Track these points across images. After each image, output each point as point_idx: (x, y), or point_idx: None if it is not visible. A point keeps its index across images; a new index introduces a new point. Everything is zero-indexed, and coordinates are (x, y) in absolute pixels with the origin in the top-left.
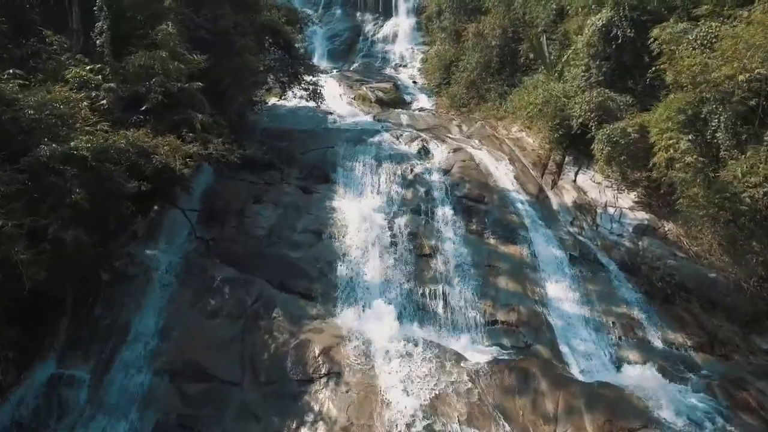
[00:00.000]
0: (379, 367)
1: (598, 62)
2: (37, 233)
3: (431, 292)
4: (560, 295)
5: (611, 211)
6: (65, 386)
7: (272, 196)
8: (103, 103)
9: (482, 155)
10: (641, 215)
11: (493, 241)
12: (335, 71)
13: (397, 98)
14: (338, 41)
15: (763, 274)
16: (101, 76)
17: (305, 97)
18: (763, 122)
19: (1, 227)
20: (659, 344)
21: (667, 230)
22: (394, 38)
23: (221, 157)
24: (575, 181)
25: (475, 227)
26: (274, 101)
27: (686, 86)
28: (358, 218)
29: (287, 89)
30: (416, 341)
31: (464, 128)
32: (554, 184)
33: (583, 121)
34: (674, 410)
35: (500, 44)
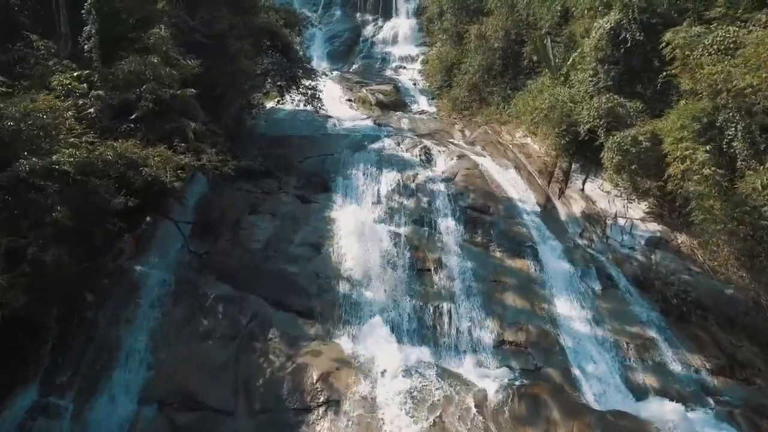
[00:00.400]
0: (380, 394)
1: (606, 66)
2: (16, 253)
3: (435, 309)
4: (570, 312)
5: (622, 222)
6: (46, 416)
7: (269, 206)
8: (90, 111)
9: (486, 162)
10: (653, 227)
11: (498, 254)
12: (335, 72)
13: (397, 101)
14: (338, 42)
15: None
16: (87, 84)
17: (303, 101)
18: None
19: None
20: (676, 367)
21: (680, 242)
22: (394, 39)
23: (215, 168)
24: (583, 189)
25: (480, 239)
26: (272, 104)
27: (701, 93)
28: (358, 230)
29: (285, 94)
30: (419, 365)
31: (467, 133)
32: (561, 193)
33: (590, 127)
34: None
35: (503, 46)
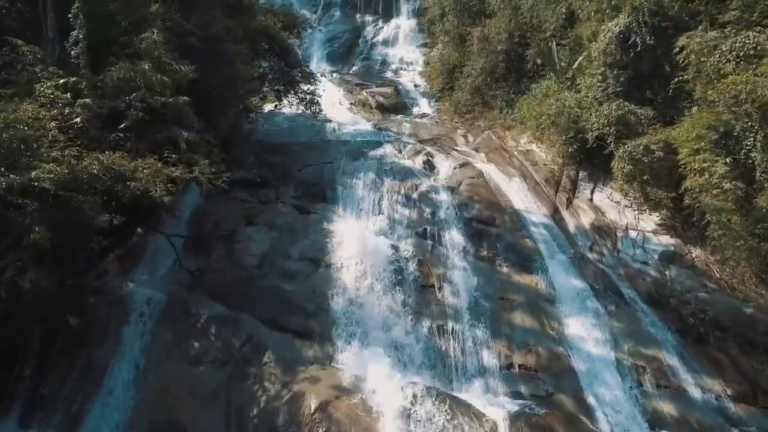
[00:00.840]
0: (384, 426)
1: (615, 72)
2: None
3: (439, 328)
4: (582, 333)
5: (633, 234)
6: None
7: (266, 217)
8: (76, 121)
9: (491, 171)
10: (666, 240)
11: (505, 269)
12: (334, 74)
13: (398, 103)
14: (337, 43)
15: None
16: (73, 92)
17: (302, 107)
18: None
19: None
20: (696, 394)
21: (694, 257)
22: (394, 40)
23: (208, 182)
24: (592, 199)
25: (485, 253)
26: (270, 107)
27: (718, 102)
28: (358, 243)
29: (283, 98)
30: (425, 392)
31: (470, 138)
32: (569, 203)
33: (599, 134)
34: None
35: (506, 49)
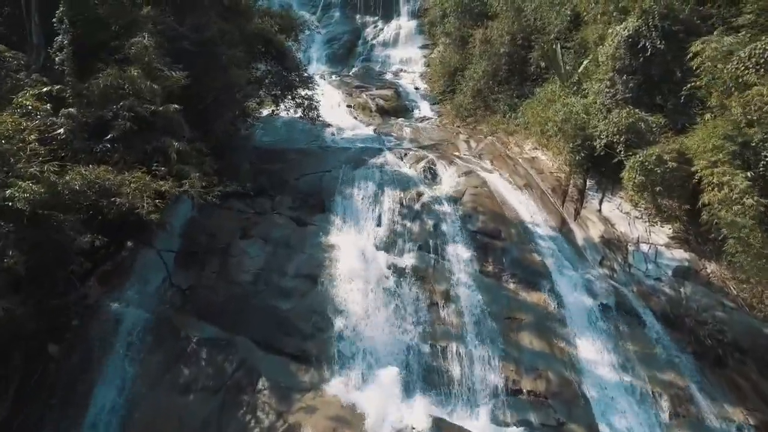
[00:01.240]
0: None
1: (624, 77)
2: None
3: (443, 350)
4: (594, 356)
5: (645, 248)
6: None
7: (262, 229)
8: (59, 132)
9: (496, 179)
10: (679, 254)
11: (512, 285)
12: (334, 76)
13: (398, 106)
14: (337, 45)
15: None
16: (54, 102)
17: (300, 112)
18: None
19: None
20: (716, 423)
21: (709, 272)
22: (394, 42)
23: (198, 196)
24: (600, 210)
25: (491, 268)
26: (268, 111)
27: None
28: (358, 258)
29: (280, 103)
30: (428, 423)
31: (473, 144)
32: (577, 213)
33: (608, 142)
34: None
35: (509, 51)
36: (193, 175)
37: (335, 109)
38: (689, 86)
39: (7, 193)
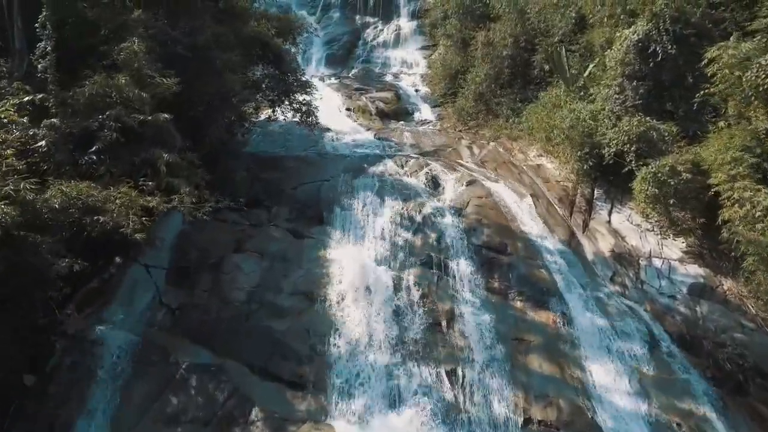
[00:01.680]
0: None
1: (634, 83)
2: None
3: (448, 375)
4: (607, 381)
5: (657, 263)
6: None
7: (257, 242)
8: (41, 144)
9: (501, 190)
10: (694, 270)
11: (519, 304)
12: (333, 78)
13: (399, 109)
14: (336, 46)
15: None
16: (36, 112)
17: (297, 118)
18: None
19: None
20: None
21: (726, 290)
22: (395, 43)
23: (189, 213)
24: (610, 222)
25: (497, 285)
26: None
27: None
28: (357, 274)
29: (277, 108)
30: None
31: (476, 150)
32: (585, 225)
33: (617, 152)
34: None
35: (512, 54)
36: (183, 189)
37: (334, 112)
38: (702, 93)
39: None
